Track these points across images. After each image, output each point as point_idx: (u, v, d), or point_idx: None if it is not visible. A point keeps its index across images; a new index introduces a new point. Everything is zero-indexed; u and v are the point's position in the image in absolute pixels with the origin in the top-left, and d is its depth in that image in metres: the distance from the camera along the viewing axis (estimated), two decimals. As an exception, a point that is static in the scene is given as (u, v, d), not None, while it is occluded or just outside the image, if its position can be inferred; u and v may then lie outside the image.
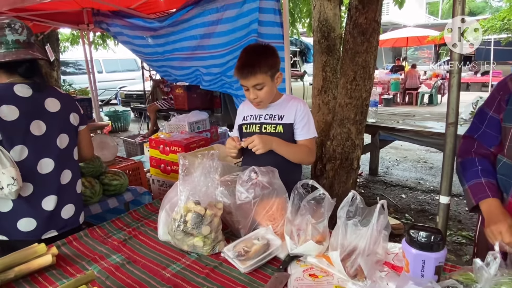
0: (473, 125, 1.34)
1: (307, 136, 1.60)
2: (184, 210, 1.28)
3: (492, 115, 1.26)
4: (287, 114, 1.61)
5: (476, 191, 1.24)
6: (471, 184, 1.27)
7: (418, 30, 12.87)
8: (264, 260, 1.19)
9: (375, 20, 2.50)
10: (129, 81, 12.21)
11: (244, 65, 1.51)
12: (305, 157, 1.61)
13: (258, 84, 1.51)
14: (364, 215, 1.14)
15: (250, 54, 1.57)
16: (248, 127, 1.69)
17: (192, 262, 1.23)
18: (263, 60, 1.51)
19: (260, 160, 1.51)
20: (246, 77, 1.49)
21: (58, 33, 6.91)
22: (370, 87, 2.73)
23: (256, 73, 1.48)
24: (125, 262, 1.24)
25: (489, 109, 1.27)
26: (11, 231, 1.47)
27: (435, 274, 0.90)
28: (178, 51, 3.53)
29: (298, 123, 1.60)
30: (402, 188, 4.34)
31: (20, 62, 1.47)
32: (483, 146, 1.30)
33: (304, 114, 1.60)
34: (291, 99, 1.67)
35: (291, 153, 1.58)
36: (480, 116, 1.31)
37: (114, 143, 2.87)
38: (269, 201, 1.34)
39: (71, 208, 1.61)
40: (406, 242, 0.94)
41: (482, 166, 1.28)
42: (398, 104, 11.19)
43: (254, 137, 1.50)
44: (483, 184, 1.24)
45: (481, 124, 1.30)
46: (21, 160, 1.43)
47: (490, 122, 1.27)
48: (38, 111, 1.49)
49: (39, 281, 1.15)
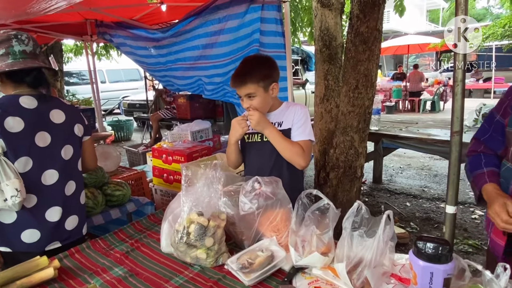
0: (482, 128, 1.36)
1: (302, 137, 1.57)
2: (187, 222, 1.26)
3: (498, 119, 1.27)
4: (285, 120, 1.61)
5: (478, 181, 1.28)
6: (475, 175, 1.31)
7: (419, 38, 12.91)
8: (269, 272, 1.17)
9: (377, 28, 2.51)
10: (132, 91, 12.31)
11: (236, 75, 1.55)
12: (296, 156, 1.53)
13: (249, 93, 1.52)
14: (369, 225, 1.12)
15: (245, 64, 1.60)
16: (250, 137, 1.68)
17: (195, 274, 1.22)
18: (255, 70, 1.52)
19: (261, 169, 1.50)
20: (237, 86, 1.54)
21: (61, 44, 7.00)
22: (372, 95, 2.72)
23: (246, 83, 1.50)
24: (128, 275, 1.22)
25: (497, 113, 1.28)
26: (14, 243, 1.46)
27: (443, 286, 0.88)
28: (180, 61, 3.56)
29: (294, 125, 1.59)
30: (407, 196, 4.30)
31: (28, 72, 1.48)
32: (490, 149, 1.31)
33: (301, 116, 1.59)
34: (290, 105, 1.67)
35: (282, 145, 1.53)
36: (489, 119, 1.33)
37: (117, 153, 2.87)
38: (273, 212, 1.33)
39: (74, 219, 1.61)
40: (414, 253, 0.92)
41: (486, 159, 1.31)
42: (401, 111, 11.18)
43: (256, 112, 1.51)
44: (484, 174, 1.27)
45: (489, 127, 1.31)
46: (25, 171, 1.43)
47: (497, 126, 1.28)
48: (43, 122, 1.50)
49: (41, 295, 1.14)
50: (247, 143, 1.69)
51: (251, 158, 1.68)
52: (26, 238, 1.46)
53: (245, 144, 1.70)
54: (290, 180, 1.58)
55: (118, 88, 12.72)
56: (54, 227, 1.52)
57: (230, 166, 1.78)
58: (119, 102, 11.07)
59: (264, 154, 1.63)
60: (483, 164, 1.30)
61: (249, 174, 1.49)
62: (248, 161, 1.69)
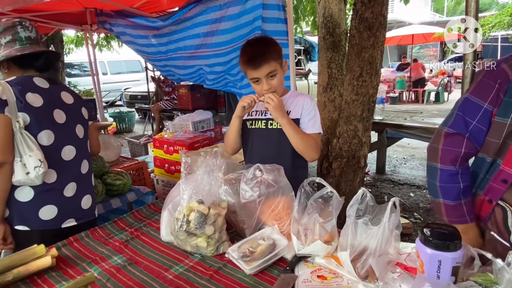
0: (459, 119, 1.14)
1: (313, 130, 1.54)
2: (187, 210, 1.23)
3: (487, 108, 1.08)
4: (293, 109, 1.56)
5: (453, 213, 1.16)
6: (448, 203, 1.17)
7: (423, 28, 12.71)
8: (270, 261, 1.14)
9: (382, 14, 2.45)
10: (133, 82, 12.25)
11: (254, 55, 1.45)
12: (310, 148, 1.51)
13: (271, 71, 1.46)
14: (374, 213, 1.09)
15: (256, 44, 1.52)
16: (253, 123, 1.63)
17: (196, 263, 1.19)
18: (271, 47, 1.49)
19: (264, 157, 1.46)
20: (259, 66, 1.44)
21: (62, 35, 6.93)
22: (377, 83, 2.67)
23: (269, 60, 1.44)
24: (127, 263, 1.20)
25: (483, 101, 1.09)
26: (32, 221, 1.48)
27: (452, 275, 0.85)
28: (181, 50, 3.50)
29: (304, 117, 1.54)
30: (410, 187, 4.26)
31: (37, 56, 1.52)
32: (473, 146, 1.13)
33: (311, 108, 1.55)
34: (297, 95, 1.62)
35: (297, 138, 1.48)
36: (469, 108, 1.12)
37: (117, 143, 2.84)
38: (275, 200, 1.29)
39: (88, 198, 1.65)
40: (421, 241, 0.89)
41: (464, 182, 1.15)
42: (404, 102, 11.07)
43: (276, 96, 1.45)
44: (462, 206, 1.15)
45: (472, 119, 1.11)
46: (48, 145, 1.47)
47: (484, 117, 1.09)
48: (57, 101, 1.56)
49: (38, 283, 1.12)
50: (249, 129, 1.63)
51: (253, 145, 1.63)
52: (44, 215, 1.48)
53: (247, 130, 1.64)
54: (293, 169, 1.54)
55: (119, 80, 12.67)
56: (71, 203, 1.56)
57: (227, 150, 1.70)
58: (121, 94, 11.03)
59: (268, 142, 1.58)
60: (461, 193, 1.14)
61: (250, 162, 1.45)
62: (250, 149, 1.64)
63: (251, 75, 1.49)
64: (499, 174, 1.05)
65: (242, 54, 1.51)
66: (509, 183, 1.03)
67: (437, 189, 1.19)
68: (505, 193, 1.05)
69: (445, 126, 1.18)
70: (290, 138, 1.49)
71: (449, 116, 1.19)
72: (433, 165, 1.21)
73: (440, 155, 1.17)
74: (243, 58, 1.49)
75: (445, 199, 1.17)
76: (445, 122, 1.20)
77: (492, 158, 1.08)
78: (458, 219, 1.16)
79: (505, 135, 1.03)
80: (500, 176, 1.05)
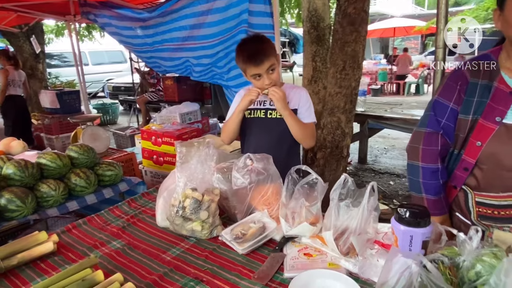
0: (432, 119, 1.25)
1: (310, 120, 1.66)
2: (183, 196, 1.31)
3: (452, 107, 1.20)
4: (291, 100, 1.65)
5: (434, 206, 1.27)
6: (430, 198, 1.28)
7: (405, 21, 12.98)
8: (261, 242, 1.24)
9: (364, 10, 2.55)
10: (116, 74, 12.02)
11: (254, 53, 1.53)
12: (308, 136, 1.65)
13: (271, 66, 1.54)
14: (355, 197, 1.19)
15: (254, 43, 1.61)
16: (252, 112, 1.69)
17: (191, 246, 1.28)
18: (267, 44, 1.59)
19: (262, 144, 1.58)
20: (260, 62, 1.52)
21: (42, 25, 6.76)
22: (359, 76, 2.79)
23: (268, 56, 1.53)
24: (126, 247, 1.28)
25: (449, 101, 1.21)
26: None
27: (422, 248, 0.97)
28: (167, 41, 3.52)
29: (302, 108, 1.65)
30: (390, 176, 4.45)
31: None
32: (447, 142, 1.24)
33: (307, 100, 1.67)
34: (293, 87, 1.73)
35: (297, 127, 1.59)
36: (439, 108, 1.24)
37: (106, 134, 2.88)
38: (264, 187, 1.39)
39: None
40: (395, 219, 1.00)
41: (443, 178, 1.26)
42: (386, 94, 11.34)
43: (280, 89, 1.54)
44: (441, 200, 1.27)
45: (442, 118, 1.23)
46: None
47: (451, 115, 1.21)
48: None
49: (42, 267, 1.18)
50: (247, 118, 1.69)
51: (252, 134, 1.70)
52: None
53: (245, 120, 1.69)
54: (288, 156, 1.67)
55: (101, 71, 12.40)
56: None
57: (224, 140, 1.76)
58: (104, 85, 10.84)
59: (266, 130, 1.67)
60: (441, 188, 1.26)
61: (248, 150, 1.54)
62: (248, 137, 1.71)
63: (252, 72, 1.55)
64: (461, 163, 1.17)
65: (240, 53, 1.58)
66: (470, 170, 1.16)
67: (420, 186, 1.29)
68: (466, 179, 1.18)
69: (423, 127, 1.28)
70: (291, 127, 1.59)
71: (425, 118, 1.29)
72: (415, 164, 1.30)
73: (421, 154, 1.27)
74: (242, 56, 1.56)
75: (428, 194, 1.28)
76: (422, 123, 1.30)
77: (458, 150, 1.21)
78: (439, 211, 1.27)
79: (468, 130, 1.15)
80: (462, 165, 1.17)
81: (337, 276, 1.03)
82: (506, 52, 1.09)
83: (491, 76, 1.11)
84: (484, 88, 1.11)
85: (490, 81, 1.11)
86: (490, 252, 0.92)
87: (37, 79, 6.51)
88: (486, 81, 1.11)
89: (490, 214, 1.12)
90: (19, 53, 6.29)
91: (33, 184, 1.84)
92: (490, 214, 1.13)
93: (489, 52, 1.16)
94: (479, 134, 1.10)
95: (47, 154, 1.95)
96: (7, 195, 1.68)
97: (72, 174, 1.96)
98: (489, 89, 1.10)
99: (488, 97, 1.10)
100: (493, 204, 1.11)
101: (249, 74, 1.58)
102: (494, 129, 1.07)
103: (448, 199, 1.26)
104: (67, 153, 2.06)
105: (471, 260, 0.92)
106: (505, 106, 1.06)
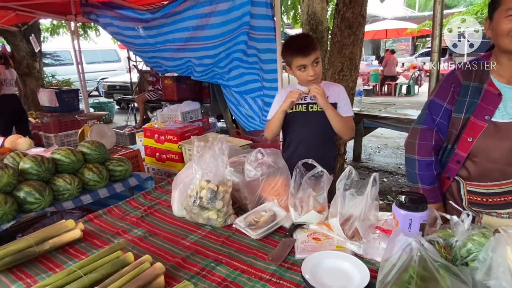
0: (428, 118, 1.38)
1: (348, 114, 1.80)
2: (199, 188, 1.42)
3: (446, 107, 1.32)
4: (331, 95, 1.77)
5: (429, 195, 1.38)
6: (426, 188, 1.39)
7: (396, 23, 13.23)
8: (273, 228, 1.36)
9: (361, 14, 2.68)
10: (110, 72, 12.00)
11: (303, 45, 1.69)
12: (347, 128, 1.78)
13: (316, 58, 1.69)
14: (358, 187, 1.32)
15: (302, 37, 1.82)
16: (294, 107, 1.80)
17: (208, 232, 1.39)
18: (313, 40, 1.75)
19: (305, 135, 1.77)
20: (308, 54, 1.66)
21: (39, 24, 6.77)
22: (356, 77, 2.92)
23: (316, 49, 1.69)
24: (147, 234, 1.38)
25: (443, 101, 1.33)
26: None
27: (420, 230, 1.09)
28: (170, 42, 3.61)
29: (341, 102, 1.79)
30: (384, 173, 4.61)
31: None
32: (440, 138, 1.36)
33: (345, 95, 1.82)
34: (331, 84, 1.89)
35: (337, 120, 1.71)
36: (434, 108, 1.36)
37: (112, 132, 2.96)
38: (274, 179, 1.51)
39: None
40: (396, 205, 1.12)
41: (436, 170, 1.38)
42: (378, 95, 11.55)
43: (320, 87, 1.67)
44: (436, 189, 1.39)
45: (436, 116, 1.35)
46: None
47: (444, 114, 1.32)
48: None
49: (71, 252, 1.28)
50: (289, 114, 1.79)
51: (295, 127, 1.81)
52: None
53: (287, 116, 1.80)
54: (326, 145, 1.85)
55: (95, 70, 12.34)
56: None
57: (268, 136, 1.87)
58: (98, 84, 10.83)
59: (308, 122, 1.79)
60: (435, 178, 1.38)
61: (292, 142, 1.78)
62: (292, 129, 1.83)
63: (298, 63, 1.70)
64: (454, 156, 1.31)
65: (289, 46, 1.75)
66: (462, 163, 1.29)
67: (416, 177, 1.41)
68: (459, 171, 1.31)
69: (420, 124, 1.41)
70: (332, 120, 1.71)
71: (421, 116, 1.43)
72: (412, 157, 1.43)
73: (417, 148, 1.40)
74: (291, 48, 1.72)
75: (423, 184, 1.41)
76: (419, 120, 1.44)
77: (451, 145, 1.34)
78: (434, 200, 1.40)
79: (460, 127, 1.28)
80: (455, 158, 1.31)
81: (345, 256, 1.15)
82: (495, 58, 1.23)
83: (482, 79, 1.24)
84: (475, 90, 1.25)
85: (481, 84, 1.24)
86: (479, 232, 1.05)
87: (34, 78, 6.52)
88: (477, 84, 1.25)
89: (479, 201, 1.26)
90: (15, 52, 6.30)
91: (48, 179, 1.93)
92: (479, 201, 1.26)
93: (481, 57, 1.29)
94: (470, 131, 1.24)
95: (61, 150, 2.04)
96: (26, 188, 1.76)
97: (86, 169, 2.05)
98: (480, 91, 1.24)
99: (479, 98, 1.23)
100: (482, 192, 1.24)
101: (295, 65, 1.71)
102: (483, 127, 1.21)
103: (442, 189, 1.39)
104: (79, 149, 2.14)
105: (463, 240, 1.05)
106: (493, 106, 1.20)
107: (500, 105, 1.19)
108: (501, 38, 1.14)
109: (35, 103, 6.01)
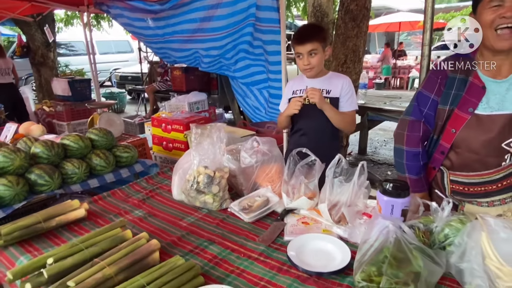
0: (416, 109, 1.41)
1: (350, 108, 1.81)
2: (197, 173, 1.50)
3: (433, 98, 1.35)
4: (333, 88, 1.80)
5: (415, 184, 1.43)
6: (412, 178, 1.43)
7: (410, 15, 12.93)
8: (265, 213, 1.42)
9: (365, 7, 2.69)
10: (122, 63, 12.17)
11: (302, 34, 1.74)
12: (347, 125, 1.82)
13: (312, 49, 1.71)
14: (348, 175, 1.37)
15: (307, 26, 1.88)
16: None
17: (204, 215, 1.46)
18: (318, 30, 1.77)
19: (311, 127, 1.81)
20: (303, 42, 1.70)
21: (53, 14, 6.91)
22: (359, 70, 2.94)
23: (312, 40, 1.70)
24: (147, 215, 1.47)
25: (430, 93, 1.36)
26: None
27: (401, 215, 1.14)
28: (178, 33, 3.68)
29: (343, 96, 1.80)
30: (388, 166, 4.62)
31: None
32: (428, 129, 1.39)
33: (349, 88, 1.81)
34: (337, 76, 1.87)
35: (337, 118, 1.76)
36: (422, 99, 1.39)
37: (120, 120, 3.06)
38: (269, 166, 1.57)
39: None
40: (380, 191, 1.17)
41: (423, 160, 1.41)
42: (389, 88, 11.41)
43: (316, 92, 1.70)
44: (422, 179, 1.43)
45: (424, 108, 1.38)
46: None
47: (432, 105, 1.35)
48: None
49: (76, 229, 1.37)
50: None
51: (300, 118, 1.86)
52: None
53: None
54: (331, 137, 1.86)
55: (108, 60, 12.53)
56: None
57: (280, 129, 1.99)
58: (110, 75, 11.01)
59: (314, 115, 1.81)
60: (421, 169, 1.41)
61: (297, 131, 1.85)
62: (297, 121, 1.89)
63: (296, 50, 1.75)
64: (439, 147, 1.35)
65: (295, 33, 1.80)
66: (445, 154, 1.33)
67: (404, 167, 1.46)
68: (443, 161, 1.35)
69: (408, 115, 1.44)
70: (331, 118, 1.76)
71: (409, 107, 1.46)
72: (400, 147, 1.47)
73: (406, 139, 1.44)
74: (294, 35, 1.77)
75: (410, 174, 1.45)
76: (407, 112, 1.47)
77: (436, 136, 1.37)
78: (419, 189, 1.44)
79: (445, 118, 1.31)
80: (440, 148, 1.34)
81: (329, 238, 1.21)
82: (480, 51, 1.25)
83: (468, 72, 1.27)
84: (461, 82, 1.28)
85: (466, 76, 1.27)
86: (458, 218, 1.10)
87: (48, 67, 6.69)
88: (463, 76, 1.28)
89: (461, 190, 1.30)
90: (31, 42, 6.46)
91: (58, 163, 2.03)
92: (461, 191, 1.30)
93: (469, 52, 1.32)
94: (454, 122, 1.27)
95: (70, 136, 2.14)
96: (37, 171, 1.87)
97: (93, 154, 2.15)
98: (465, 83, 1.27)
99: (464, 90, 1.26)
100: (464, 182, 1.28)
101: (295, 51, 1.76)
102: (466, 119, 1.24)
103: (428, 179, 1.43)
104: (87, 135, 2.24)
105: (441, 225, 1.10)
106: (477, 99, 1.23)
107: (483, 98, 1.22)
108: (485, 30, 1.16)
109: (49, 92, 6.18)
